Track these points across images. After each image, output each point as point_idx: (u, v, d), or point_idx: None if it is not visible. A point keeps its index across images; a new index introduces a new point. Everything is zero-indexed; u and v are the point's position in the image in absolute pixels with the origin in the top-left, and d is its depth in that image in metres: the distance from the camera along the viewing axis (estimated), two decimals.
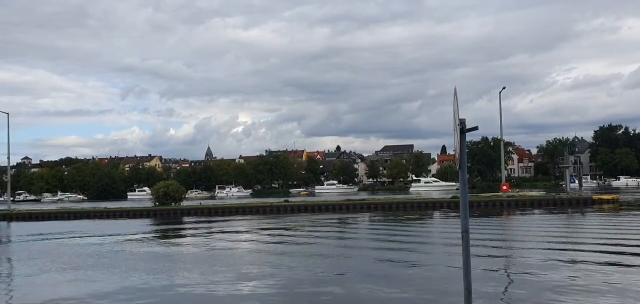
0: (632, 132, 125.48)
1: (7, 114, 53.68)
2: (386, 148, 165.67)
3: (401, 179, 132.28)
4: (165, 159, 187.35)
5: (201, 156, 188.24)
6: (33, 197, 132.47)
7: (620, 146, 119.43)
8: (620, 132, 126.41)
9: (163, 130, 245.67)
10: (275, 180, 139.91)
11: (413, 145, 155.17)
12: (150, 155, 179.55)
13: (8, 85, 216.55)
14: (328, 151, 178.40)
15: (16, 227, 38.51)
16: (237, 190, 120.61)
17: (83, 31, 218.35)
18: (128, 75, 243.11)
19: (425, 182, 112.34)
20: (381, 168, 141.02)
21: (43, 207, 65.21)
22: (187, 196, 76.06)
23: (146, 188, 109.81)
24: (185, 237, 28.07)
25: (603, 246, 18.25)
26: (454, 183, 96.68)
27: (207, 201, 69.58)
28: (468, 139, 6.70)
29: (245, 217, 40.75)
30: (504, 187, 46.47)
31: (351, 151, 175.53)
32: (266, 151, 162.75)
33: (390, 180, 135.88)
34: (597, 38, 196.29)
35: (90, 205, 66.79)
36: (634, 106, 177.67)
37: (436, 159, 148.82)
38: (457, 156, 6.24)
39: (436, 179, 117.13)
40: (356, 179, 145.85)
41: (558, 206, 39.97)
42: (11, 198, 58.47)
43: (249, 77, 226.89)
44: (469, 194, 9.41)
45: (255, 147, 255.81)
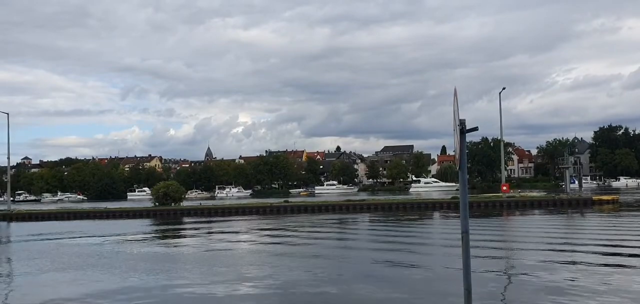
0: (632, 132, 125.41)
1: (7, 114, 53.85)
2: (386, 148, 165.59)
3: (401, 179, 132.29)
4: (165, 159, 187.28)
5: (201, 156, 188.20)
6: (33, 197, 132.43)
7: (620, 147, 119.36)
8: (620, 132, 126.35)
9: (163, 130, 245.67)
10: (275, 180, 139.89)
11: (413, 145, 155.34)
12: (150, 155, 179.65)
13: (8, 85, 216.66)
14: (328, 152, 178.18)
15: (16, 227, 38.54)
16: (237, 190, 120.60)
17: (83, 31, 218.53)
18: (128, 75, 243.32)
19: (425, 182, 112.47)
20: (381, 169, 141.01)
21: (43, 207, 65.26)
22: (187, 197, 76.09)
23: (146, 188, 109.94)
24: (185, 237, 28.12)
25: (603, 247, 18.26)
26: (454, 184, 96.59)
27: (207, 202, 69.60)
28: (468, 140, 6.70)
29: (245, 217, 40.76)
30: (504, 187, 46.48)
31: (351, 152, 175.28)
32: (266, 152, 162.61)
33: (390, 180, 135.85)
34: (597, 38, 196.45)
35: (90, 205, 66.76)
36: (634, 107, 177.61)
37: (436, 159, 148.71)
38: (457, 157, 6.24)
39: (436, 179, 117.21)
40: (356, 179, 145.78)
41: (558, 207, 39.97)
42: (11, 198, 58.49)
43: (249, 77, 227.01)
44: (469, 194, 9.38)
45: (255, 147, 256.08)
